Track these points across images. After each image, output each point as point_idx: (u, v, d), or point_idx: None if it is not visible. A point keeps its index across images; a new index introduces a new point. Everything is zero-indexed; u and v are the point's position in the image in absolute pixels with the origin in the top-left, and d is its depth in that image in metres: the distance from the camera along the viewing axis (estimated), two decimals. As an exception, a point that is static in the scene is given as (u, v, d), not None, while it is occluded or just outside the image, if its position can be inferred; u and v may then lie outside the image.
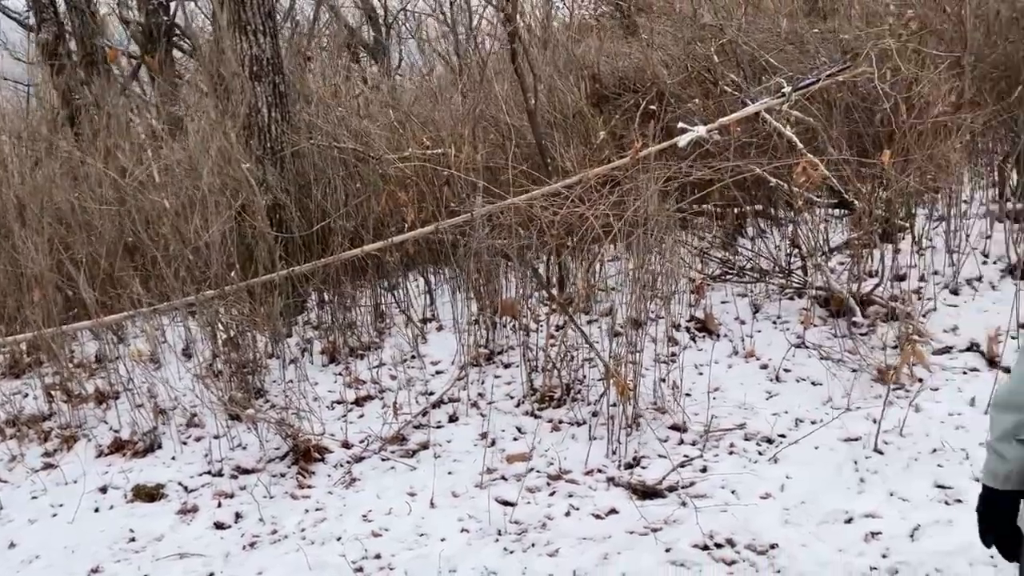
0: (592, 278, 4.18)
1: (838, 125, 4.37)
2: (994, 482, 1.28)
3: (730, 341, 4.01)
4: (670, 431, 3.43)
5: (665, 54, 4.72)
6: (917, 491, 2.85)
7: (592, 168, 3.91)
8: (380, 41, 10.89)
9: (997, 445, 1.27)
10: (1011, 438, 1.24)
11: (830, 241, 4.45)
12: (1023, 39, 4.24)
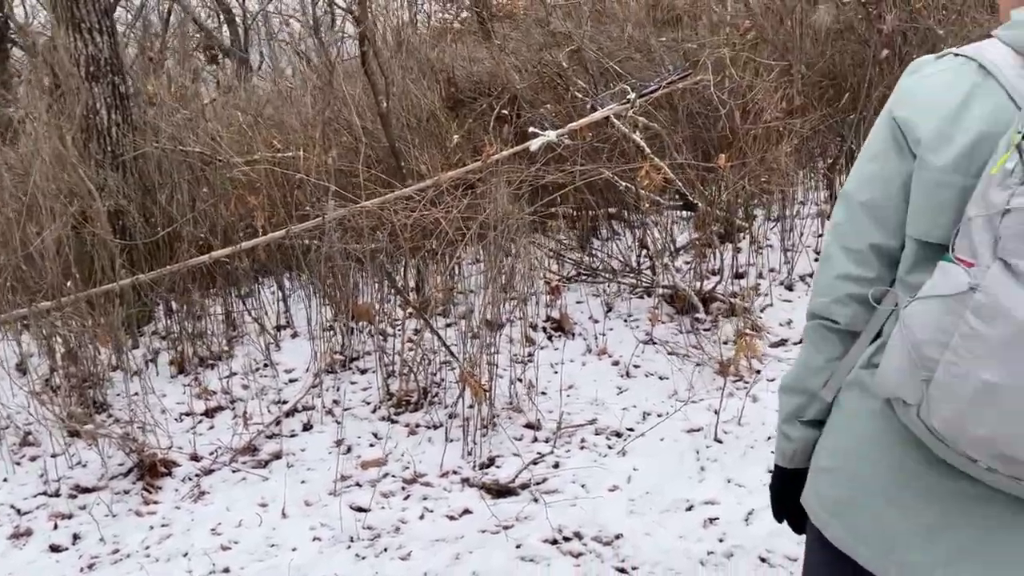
0: (449, 281, 4.21)
1: (682, 130, 4.57)
2: (783, 461, 1.37)
3: (584, 340, 4.12)
4: (525, 430, 3.49)
5: (517, 59, 4.81)
6: (752, 477, 3.01)
7: (446, 171, 3.94)
8: (238, 42, 10.61)
9: (784, 426, 1.35)
10: (795, 419, 1.33)
11: (676, 242, 4.64)
12: (848, 49, 4.54)
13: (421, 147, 4.19)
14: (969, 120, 1.08)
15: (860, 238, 1.20)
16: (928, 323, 1.04)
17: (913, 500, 1.15)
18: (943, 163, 1.09)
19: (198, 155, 4.25)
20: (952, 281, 1.03)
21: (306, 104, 4.46)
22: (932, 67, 1.16)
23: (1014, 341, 0.97)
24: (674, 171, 4.27)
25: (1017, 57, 1.07)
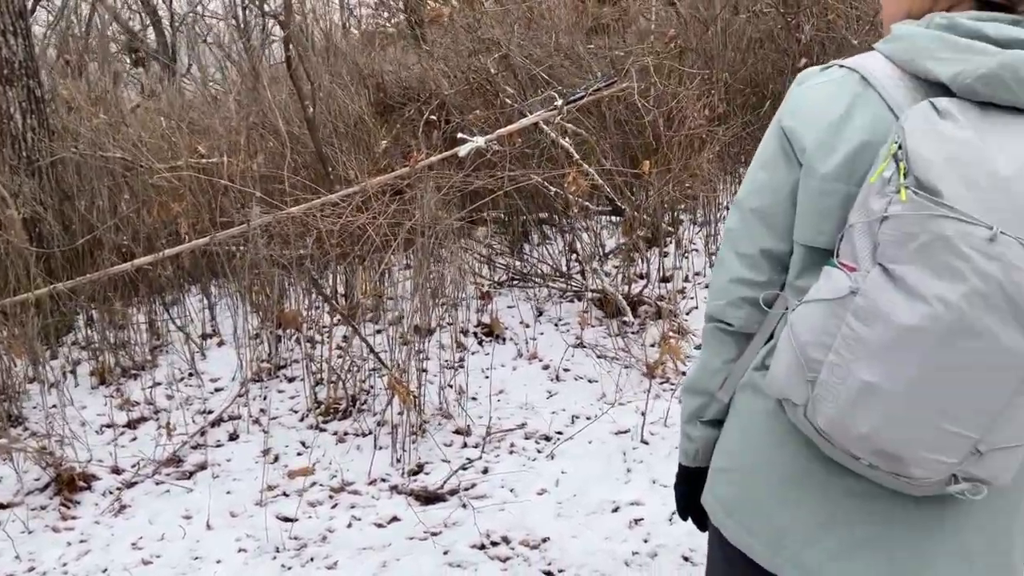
0: (378, 287, 4.19)
1: (610, 136, 4.63)
2: (685, 460, 1.40)
3: (515, 344, 4.14)
4: (455, 436, 3.49)
5: (447, 65, 4.81)
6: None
7: (374, 177, 3.92)
8: (164, 45, 10.39)
9: (686, 427, 1.39)
10: (696, 420, 1.37)
11: (605, 246, 4.70)
12: (768, 58, 4.65)
13: (349, 153, 4.16)
14: (851, 130, 1.12)
15: (752, 243, 1.24)
16: (813, 326, 1.08)
17: (805, 497, 1.19)
18: (826, 171, 1.13)
19: (119, 161, 4.15)
20: (835, 285, 1.06)
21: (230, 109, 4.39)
22: (817, 78, 1.20)
23: (892, 343, 1.01)
24: (602, 177, 4.33)
25: (896, 69, 1.11)
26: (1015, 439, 1.04)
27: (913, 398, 1.03)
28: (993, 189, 0.98)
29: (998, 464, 1.05)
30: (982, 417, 1.02)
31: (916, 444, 1.04)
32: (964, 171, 0.99)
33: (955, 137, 1.01)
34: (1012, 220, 0.97)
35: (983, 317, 0.98)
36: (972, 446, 1.03)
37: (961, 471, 1.05)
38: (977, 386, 1.01)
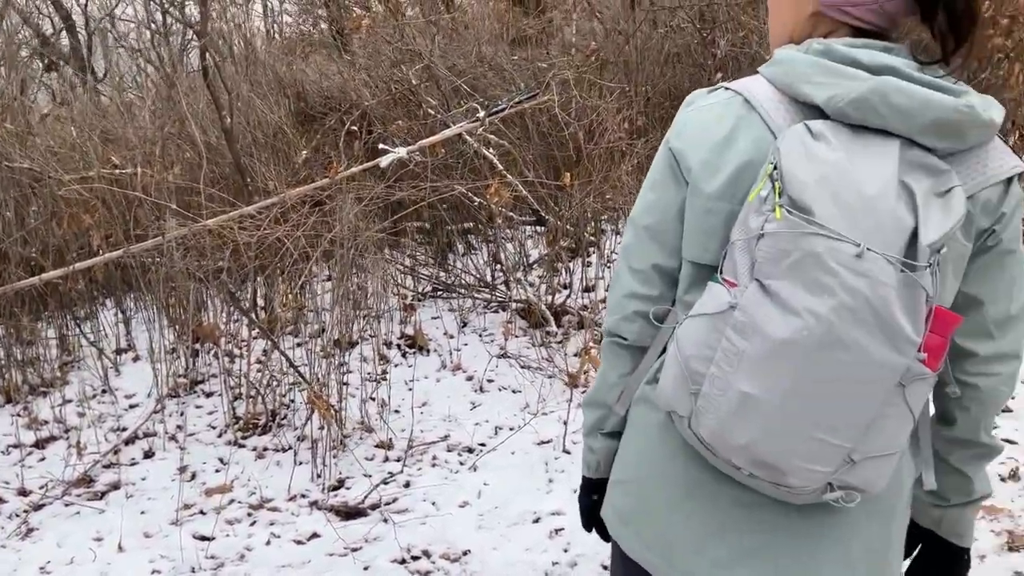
0: (299, 299, 4.14)
1: (534, 147, 4.67)
2: (588, 472, 1.43)
3: (439, 356, 4.13)
4: (376, 449, 3.46)
5: (368, 75, 4.78)
6: (597, 486, 3.09)
7: (293, 188, 3.88)
8: (79, 50, 10.08)
9: (587, 439, 1.42)
10: (596, 432, 1.39)
11: (529, 256, 4.73)
12: (686, 72, 4.75)
13: (268, 163, 4.11)
14: (734, 151, 1.16)
15: (644, 259, 1.27)
16: (696, 339, 1.11)
17: (696, 508, 1.22)
18: (711, 191, 1.17)
19: (27, 171, 4.02)
20: (716, 300, 1.10)
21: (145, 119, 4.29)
22: (704, 100, 1.24)
23: (768, 356, 1.04)
24: (526, 187, 4.36)
25: (777, 92, 1.15)
26: (886, 448, 1.08)
27: (788, 409, 1.05)
28: (860, 208, 1.02)
29: (871, 472, 1.09)
30: (855, 427, 1.05)
31: (792, 454, 1.07)
32: (834, 191, 1.02)
33: (827, 159, 1.04)
34: (877, 237, 1.01)
35: (851, 330, 1.01)
36: (846, 455, 1.07)
37: (836, 479, 1.09)
38: (849, 397, 1.04)
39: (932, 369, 1.05)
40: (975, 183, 1.12)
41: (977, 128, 1.08)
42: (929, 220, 1.02)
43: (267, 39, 8.75)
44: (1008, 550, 2.70)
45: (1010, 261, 1.17)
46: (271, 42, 7.55)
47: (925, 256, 1.00)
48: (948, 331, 1.06)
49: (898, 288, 1.00)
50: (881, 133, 1.07)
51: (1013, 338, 1.20)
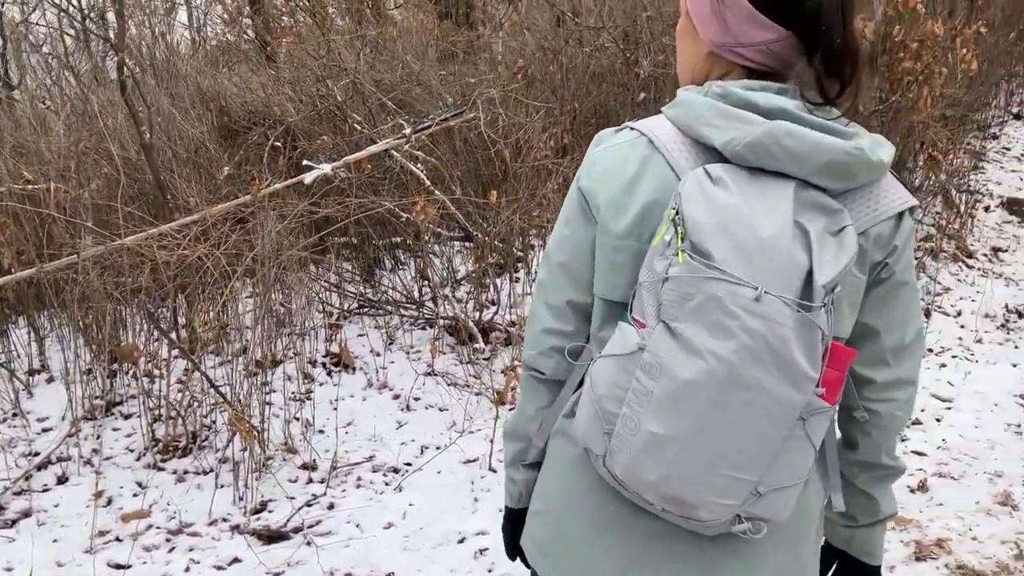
0: (221, 318, 4.06)
1: (462, 164, 4.68)
2: (510, 502, 1.45)
3: (365, 374, 4.10)
4: (300, 471, 3.42)
5: (293, 90, 4.74)
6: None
7: (215, 205, 3.81)
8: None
9: (509, 470, 1.44)
10: (518, 463, 1.42)
11: (458, 272, 4.73)
12: (611, 91, 4.82)
13: (189, 179, 4.03)
14: (640, 191, 1.19)
15: (559, 295, 1.29)
16: (608, 380, 1.14)
17: (614, 542, 1.25)
18: (618, 230, 1.20)
19: (-68, 186, 3.87)
20: (626, 341, 1.13)
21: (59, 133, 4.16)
22: (611, 140, 1.27)
23: (674, 396, 1.08)
24: (454, 203, 4.36)
25: (679, 133, 1.19)
26: (790, 479, 1.12)
27: (695, 447, 1.09)
28: (757, 251, 1.06)
29: (776, 503, 1.13)
30: (759, 462, 1.09)
31: (701, 490, 1.11)
32: (732, 235, 1.06)
33: (725, 203, 1.08)
34: (774, 280, 1.05)
35: (752, 371, 1.05)
36: (752, 488, 1.11)
37: (744, 511, 1.13)
38: (753, 434, 1.08)
39: (830, 403, 1.09)
40: (867, 219, 1.17)
41: (867, 169, 1.13)
42: (823, 260, 1.06)
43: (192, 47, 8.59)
44: (916, 559, 2.80)
45: (904, 292, 1.23)
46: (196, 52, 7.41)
47: (820, 296, 1.04)
48: (845, 365, 1.11)
49: (795, 328, 1.04)
50: (777, 175, 1.11)
51: (909, 365, 1.26)
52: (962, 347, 4.29)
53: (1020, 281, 5.20)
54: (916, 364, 1.27)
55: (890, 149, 1.17)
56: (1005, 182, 6.87)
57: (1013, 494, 3.09)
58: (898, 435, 1.31)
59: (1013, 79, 8.33)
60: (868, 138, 1.15)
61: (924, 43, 4.74)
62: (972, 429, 3.57)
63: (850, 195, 1.16)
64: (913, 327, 1.24)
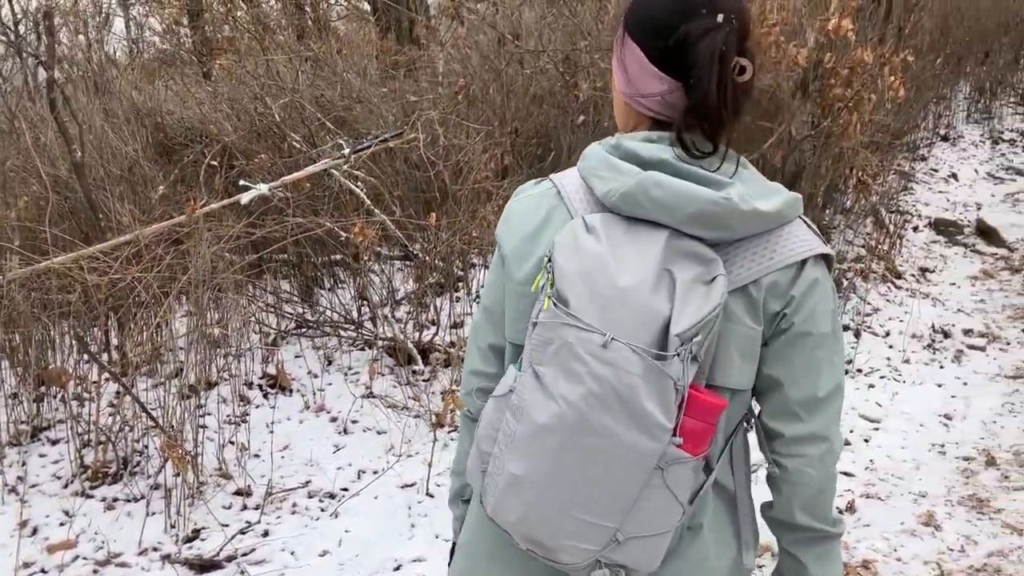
0: (154, 339, 3.98)
1: (403, 184, 4.67)
2: (454, 536, 1.49)
3: (302, 396, 4.06)
4: (234, 497, 3.36)
5: (231, 107, 4.68)
6: (459, 531, 3.10)
7: (149, 225, 3.74)
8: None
9: (451, 505, 1.49)
10: (458, 499, 1.47)
11: (398, 291, 4.71)
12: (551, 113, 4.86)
13: (123, 199, 3.95)
14: (543, 240, 1.23)
15: (484, 337, 1.35)
16: (486, 420, 1.19)
17: (497, 570, 1.30)
18: (520, 277, 1.25)
19: None
20: (504, 383, 1.18)
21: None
22: (528, 191, 1.32)
23: (532, 439, 1.11)
24: (395, 223, 4.34)
25: (583, 184, 1.24)
26: (652, 528, 1.13)
27: (550, 490, 1.11)
28: (613, 299, 1.08)
29: (637, 552, 1.14)
30: (615, 508, 1.11)
31: (559, 532, 1.13)
32: (591, 282, 1.09)
33: (591, 251, 1.11)
34: (626, 328, 1.07)
35: (600, 416, 1.07)
36: (611, 535, 1.12)
37: (603, 557, 1.14)
38: (608, 479, 1.10)
39: (692, 454, 1.10)
40: (761, 267, 1.17)
41: (741, 218, 1.13)
42: (684, 309, 1.08)
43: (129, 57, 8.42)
44: (843, 581, 2.87)
45: (806, 343, 1.20)
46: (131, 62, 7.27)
47: (674, 345, 1.06)
48: (709, 416, 1.12)
49: (644, 376, 1.06)
50: (652, 224, 1.14)
51: (822, 421, 1.22)
52: (890, 367, 4.42)
53: (946, 301, 5.37)
54: (830, 420, 1.23)
55: (779, 199, 1.17)
56: (933, 203, 7.11)
57: (936, 514, 3.19)
58: (814, 495, 1.25)
59: (941, 102, 8.64)
60: (742, 188, 1.15)
61: (854, 70, 4.88)
62: (899, 450, 3.68)
63: (744, 243, 1.17)
64: (828, 380, 1.21)
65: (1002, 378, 4.42)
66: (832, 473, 1.26)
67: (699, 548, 1.23)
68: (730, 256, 1.16)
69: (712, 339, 1.12)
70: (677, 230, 1.13)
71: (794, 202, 1.19)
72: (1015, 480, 3.45)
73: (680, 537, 1.23)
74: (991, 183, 7.67)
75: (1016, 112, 8.98)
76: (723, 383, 1.18)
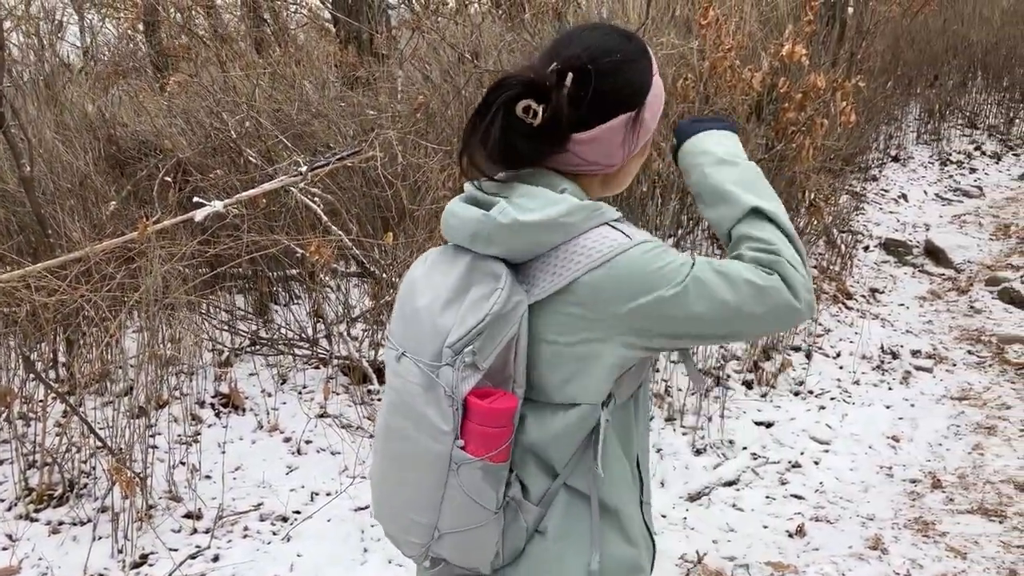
0: (104, 359, 3.91)
1: (361, 202, 4.64)
2: None
3: (255, 415, 4.01)
4: (184, 520, 3.32)
5: (186, 122, 4.61)
6: (412, 556, 3.08)
7: (100, 242, 3.68)
8: None
9: None
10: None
11: (354, 309, 4.68)
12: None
13: (73, 214, 3.87)
14: None
15: None
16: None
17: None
18: None
19: None
20: None
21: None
22: None
23: (374, 443, 1.33)
24: (353, 241, 4.32)
25: None
26: (458, 525, 1.25)
27: (382, 488, 1.32)
28: (411, 318, 1.25)
29: (451, 547, 1.27)
30: (427, 506, 1.25)
31: (393, 527, 1.32)
32: (402, 305, 1.28)
33: (411, 276, 1.30)
34: (417, 343, 1.22)
35: (399, 422, 1.25)
36: (432, 531, 1.26)
37: (431, 551, 1.29)
38: (416, 480, 1.24)
39: (476, 455, 1.20)
40: (564, 277, 1.21)
41: (505, 231, 1.21)
42: (462, 323, 1.19)
43: (83, 62, 8.28)
44: (792, 606, 2.90)
45: (677, 309, 1.22)
46: (84, 69, 7.14)
47: (446, 356, 1.18)
48: (493, 421, 1.20)
49: (424, 385, 1.20)
50: (463, 249, 1.27)
51: (753, 302, 1.28)
52: (840, 389, 4.49)
53: (895, 322, 5.48)
54: (756, 289, 1.23)
55: (552, 209, 1.21)
56: (883, 223, 7.26)
57: (883, 538, 3.25)
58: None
59: (892, 123, 8.83)
60: (519, 203, 1.22)
61: (807, 94, 4.98)
62: (848, 472, 3.74)
63: (543, 258, 1.23)
64: (723, 296, 1.22)
65: (948, 400, 4.52)
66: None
67: (544, 551, 1.30)
68: (532, 272, 1.24)
69: (502, 350, 1.19)
70: (477, 252, 1.25)
71: (580, 210, 1.23)
72: (959, 503, 3.53)
73: (530, 539, 1.30)
74: (939, 204, 7.85)
75: (964, 134, 9.20)
76: (554, 399, 1.25)
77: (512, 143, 1.24)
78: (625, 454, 1.32)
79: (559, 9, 5.56)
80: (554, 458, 1.27)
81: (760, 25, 5.81)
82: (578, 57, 1.26)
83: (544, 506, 1.28)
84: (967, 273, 6.42)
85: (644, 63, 1.32)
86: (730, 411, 4.10)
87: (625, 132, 1.29)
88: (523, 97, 1.22)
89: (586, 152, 1.29)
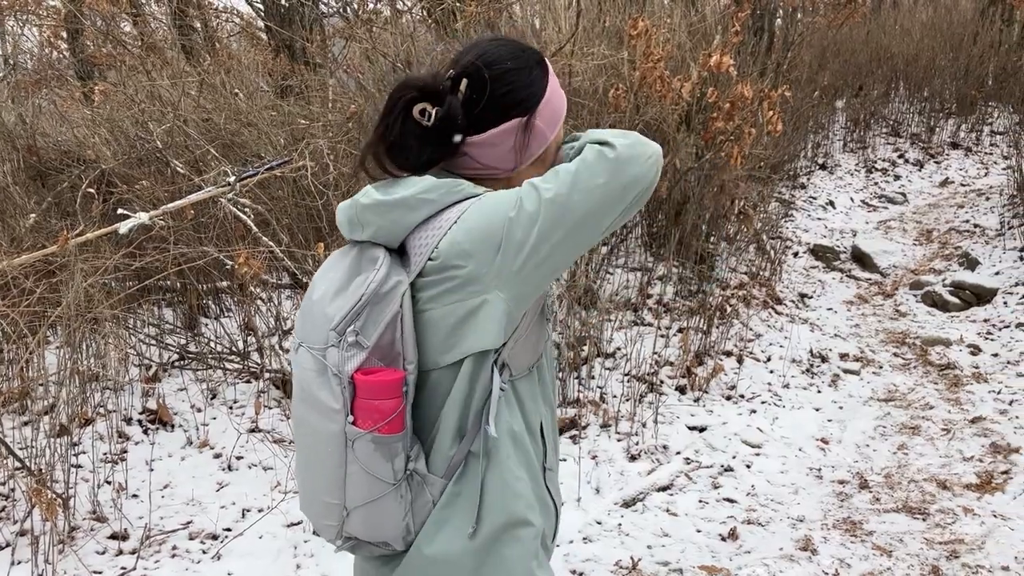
0: (23, 376, 3.78)
1: (292, 212, 4.58)
2: None
3: (184, 431, 3.92)
4: (110, 541, 3.22)
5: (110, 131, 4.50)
6: (346, 571, 3.04)
7: (18, 256, 3.56)
8: None
9: None
10: None
11: (287, 320, 4.61)
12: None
13: (-10, 227, 3.74)
14: None
15: None
16: None
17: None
18: None
19: None
20: None
21: None
22: None
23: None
24: (283, 251, 4.25)
25: None
26: (360, 499, 1.30)
27: (301, 474, 1.37)
28: (307, 311, 1.32)
29: (358, 523, 1.32)
30: (334, 485, 1.30)
31: (312, 512, 1.36)
32: (304, 300, 1.34)
33: (314, 276, 1.35)
34: (311, 333, 1.28)
35: (300, 408, 1.32)
36: (341, 510, 1.31)
37: (344, 531, 1.34)
38: (321, 461, 1.30)
39: (363, 428, 1.26)
40: (428, 244, 1.30)
41: (369, 212, 1.31)
42: (343, 306, 1.26)
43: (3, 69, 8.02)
44: (725, 608, 2.94)
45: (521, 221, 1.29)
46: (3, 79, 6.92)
47: (332, 339, 1.25)
48: (380, 394, 1.26)
49: (315, 370, 1.27)
50: (355, 244, 1.35)
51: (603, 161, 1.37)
52: (771, 393, 4.58)
53: (824, 326, 5.61)
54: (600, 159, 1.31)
55: (413, 187, 1.30)
56: (812, 229, 7.44)
57: (813, 539, 3.31)
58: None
59: (819, 131, 9.06)
60: (385, 188, 1.32)
61: (735, 104, 5.07)
62: (778, 474, 3.80)
63: (413, 234, 1.31)
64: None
65: (875, 401, 4.64)
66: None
67: (457, 516, 1.34)
68: (408, 252, 1.31)
69: (386, 327, 1.26)
70: (362, 241, 1.33)
71: (439, 187, 1.31)
72: (885, 502, 3.62)
73: (446, 504, 1.35)
74: (865, 210, 8.07)
75: (888, 142, 9.48)
76: (444, 363, 1.31)
77: (408, 144, 1.32)
78: (527, 422, 1.39)
79: (490, 20, 5.58)
80: (452, 428, 1.33)
81: (689, 36, 5.91)
82: (473, 64, 1.35)
83: (447, 477, 1.34)
84: (892, 277, 6.61)
85: (537, 72, 1.39)
86: (664, 417, 4.14)
87: (516, 137, 1.36)
88: (420, 100, 1.31)
89: (480, 155, 1.36)
